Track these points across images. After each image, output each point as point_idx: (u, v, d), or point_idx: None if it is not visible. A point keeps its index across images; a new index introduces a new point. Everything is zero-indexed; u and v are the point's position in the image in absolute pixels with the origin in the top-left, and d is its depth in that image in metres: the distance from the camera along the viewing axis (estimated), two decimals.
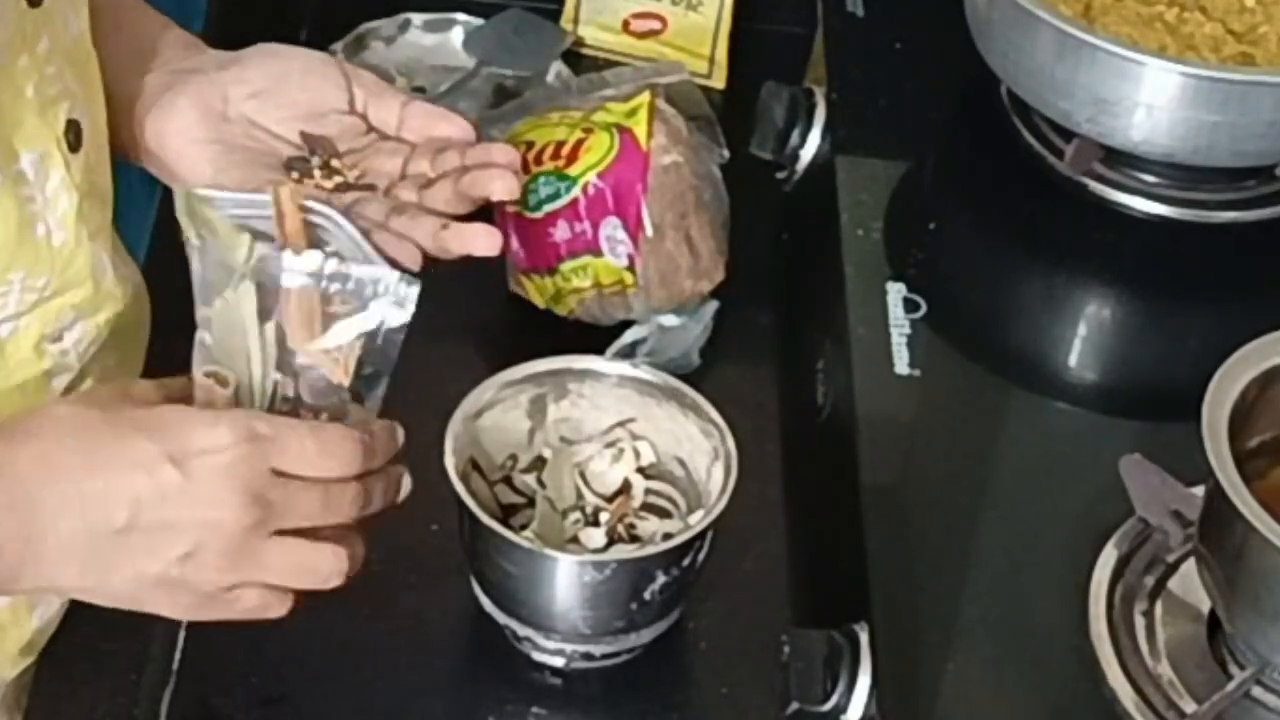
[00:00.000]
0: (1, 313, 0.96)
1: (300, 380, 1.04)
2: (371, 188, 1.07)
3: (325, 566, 0.93)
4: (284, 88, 1.06)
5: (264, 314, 1.01)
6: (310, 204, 1.02)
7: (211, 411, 0.91)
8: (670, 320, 1.31)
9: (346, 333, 1.03)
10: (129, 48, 1.05)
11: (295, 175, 1.06)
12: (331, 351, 1.04)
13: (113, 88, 1.03)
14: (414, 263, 1.01)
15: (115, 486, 0.87)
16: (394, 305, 1.01)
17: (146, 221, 1.29)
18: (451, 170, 1.07)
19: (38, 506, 0.86)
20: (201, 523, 0.88)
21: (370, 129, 1.10)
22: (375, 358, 1.03)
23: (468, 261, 1.06)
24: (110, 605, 0.92)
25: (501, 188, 1.03)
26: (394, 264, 1.02)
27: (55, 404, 0.93)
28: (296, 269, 1.00)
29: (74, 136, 0.95)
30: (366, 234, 1.02)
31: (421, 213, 1.04)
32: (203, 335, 1.05)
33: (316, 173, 1.07)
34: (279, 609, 0.94)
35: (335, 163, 1.07)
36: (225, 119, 1.05)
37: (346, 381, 1.05)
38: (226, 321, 1.03)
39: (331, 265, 1.00)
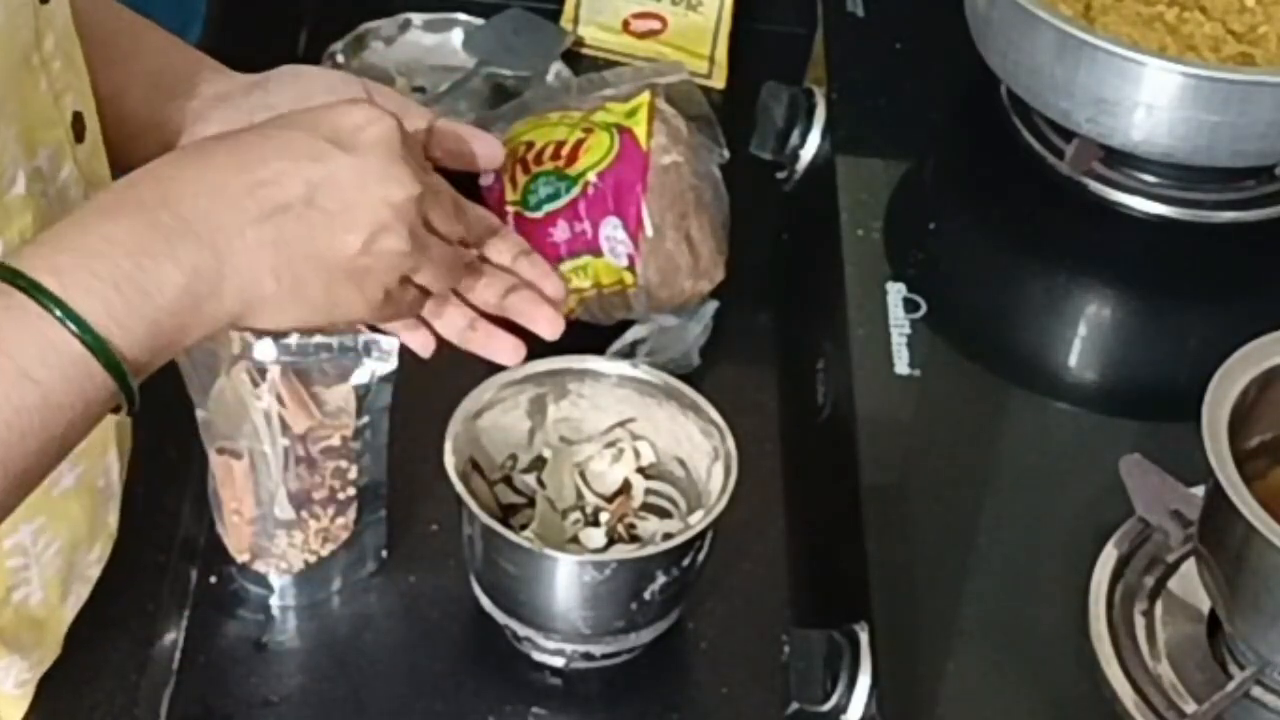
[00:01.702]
0: None
1: (309, 440, 1.08)
2: None
3: (457, 264, 0.96)
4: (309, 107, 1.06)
5: (255, 386, 1.05)
6: None
7: (342, 101, 0.92)
8: (670, 320, 1.31)
9: (341, 397, 1.08)
10: (149, 72, 1.05)
11: None
12: (333, 416, 1.08)
13: (134, 113, 1.03)
14: (425, 351, 1.01)
15: (285, 171, 0.86)
16: (379, 360, 1.08)
17: None
18: (498, 268, 1.03)
19: (217, 224, 0.84)
20: (379, 199, 0.88)
21: None
22: (372, 405, 1.09)
23: None
24: (308, 317, 0.89)
25: (547, 329, 1.01)
26: (403, 346, 1.04)
27: (190, 144, 0.93)
28: (276, 354, 1.04)
29: (79, 127, 0.96)
30: None
31: (452, 301, 1.01)
32: (203, 415, 1.08)
33: None
34: (413, 312, 0.96)
35: None
36: None
37: (350, 433, 1.09)
38: (226, 401, 1.07)
39: (306, 341, 1.04)
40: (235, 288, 0.85)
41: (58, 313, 0.80)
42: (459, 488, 1.10)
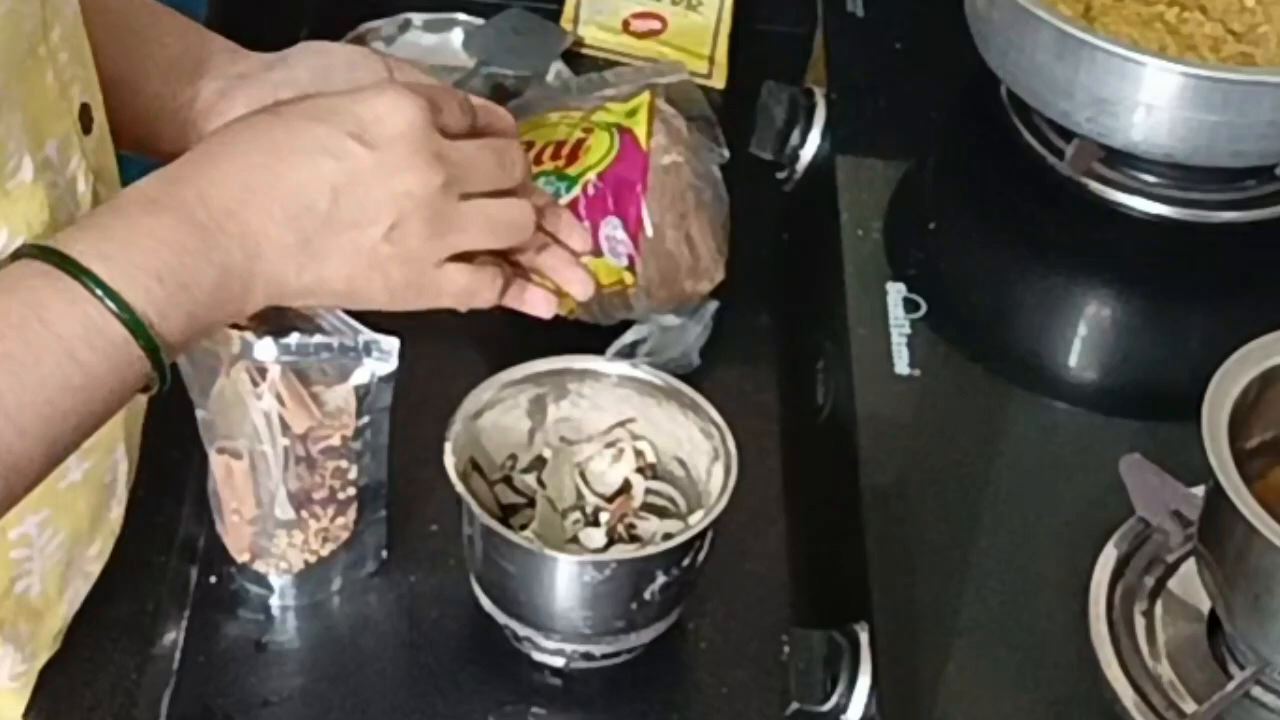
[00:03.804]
0: None
1: (309, 440, 1.08)
2: None
3: (520, 216, 0.96)
4: (331, 83, 1.07)
5: (255, 386, 1.06)
6: None
7: (369, 87, 0.94)
8: (670, 320, 1.31)
9: (341, 397, 1.08)
10: (169, 56, 1.06)
11: None
12: (333, 416, 1.08)
13: (156, 96, 1.04)
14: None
15: (309, 175, 0.89)
16: (379, 360, 1.08)
17: None
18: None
19: (247, 225, 0.88)
20: (398, 192, 0.91)
21: None
22: (373, 405, 1.09)
23: None
24: (333, 303, 0.95)
25: (579, 291, 1.03)
26: (403, 347, 1.07)
27: (219, 129, 0.95)
28: (276, 354, 1.05)
29: (86, 119, 0.96)
30: None
31: (485, 256, 1.03)
32: (203, 415, 1.09)
33: None
34: (488, 293, 0.96)
35: None
36: None
37: (351, 433, 1.09)
38: (226, 401, 1.07)
39: (306, 341, 1.05)
40: (263, 283, 0.89)
41: (105, 298, 0.84)
42: (459, 488, 1.10)
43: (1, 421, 0.82)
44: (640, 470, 1.17)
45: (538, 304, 1.02)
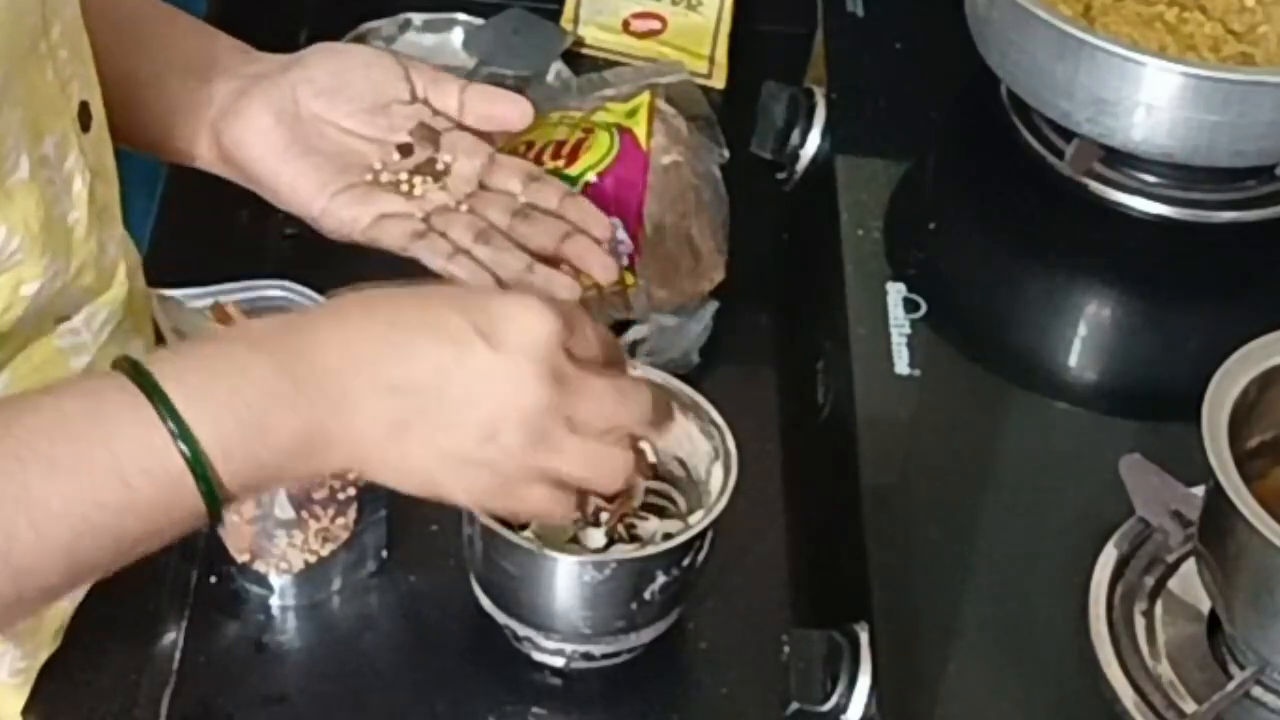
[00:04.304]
0: (37, 301, 0.96)
1: None
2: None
3: (617, 463, 0.91)
4: (348, 82, 1.07)
5: None
6: (286, 293, 1.07)
7: (514, 293, 0.92)
8: (670, 320, 1.31)
9: None
10: (184, 55, 1.06)
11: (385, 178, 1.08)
12: None
13: (174, 96, 1.04)
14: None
15: (423, 351, 0.85)
16: None
17: (150, 205, 1.29)
18: (545, 211, 1.07)
19: (345, 388, 0.85)
20: (505, 399, 0.86)
21: (435, 114, 1.11)
22: None
23: None
24: (409, 488, 0.89)
25: (603, 275, 1.03)
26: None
27: (355, 294, 0.91)
28: None
29: (85, 117, 0.96)
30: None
31: (508, 245, 1.04)
32: None
33: (404, 174, 1.08)
34: (564, 511, 0.92)
35: (437, 164, 1.09)
36: (299, 119, 1.07)
37: None
38: None
39: None
40: (342, 448, 0.85)
41: (172, 425, 0.81)
42: None
43: (22, 520, 0.79)
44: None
45: (562, 289, 1.02)
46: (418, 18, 1.55)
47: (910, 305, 1.24)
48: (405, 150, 1.08)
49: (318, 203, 1.07)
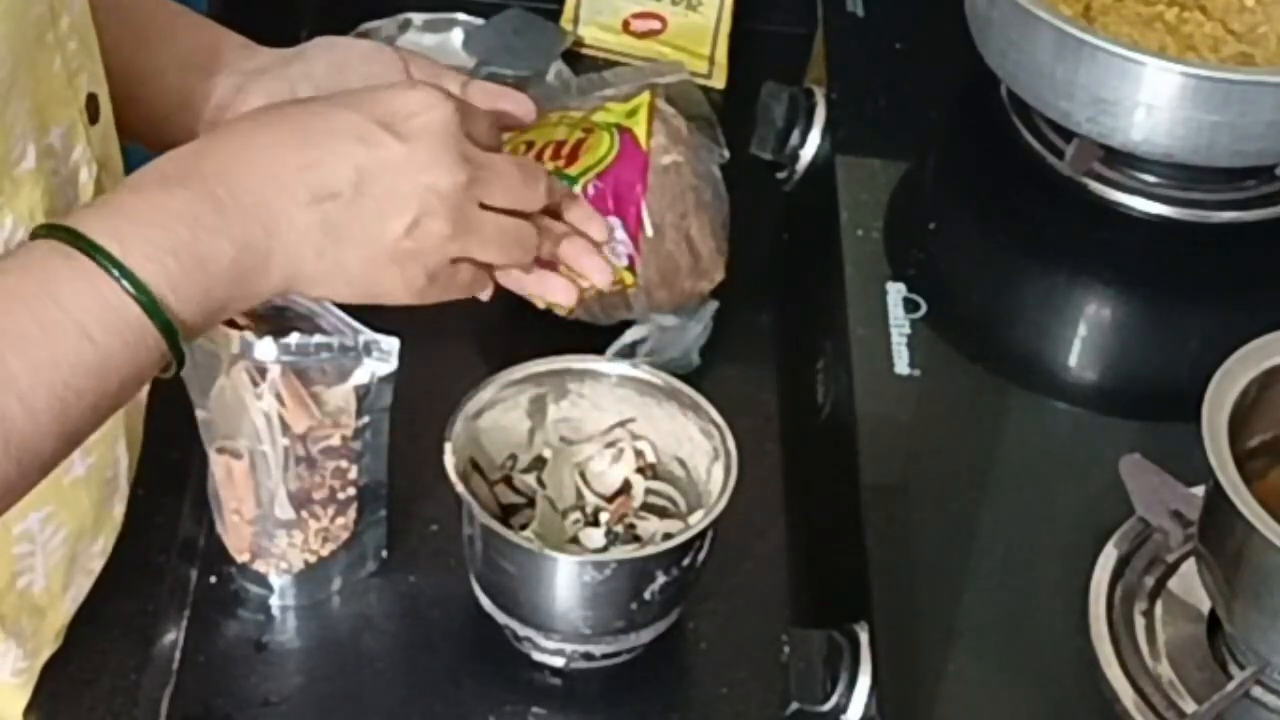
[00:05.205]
0: None
1: (309, 440, 1.08)
2: None
3: (529, 238, 0.96)
4: (347, 78, 1.07)
5: (255, 386, 1.06)
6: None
7: (403, 82, 0.95)
8: (670, 320, 1.31)
9: (341, 397, 1.08)
10: (186, 50, 1.06)
11: None
12: (332, 416, 1.09)
13: (175, 90, 1.05)
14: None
15: (335, 155, 0.89)
16: (379, 360, 1.08)
17: None
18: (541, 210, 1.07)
19: (267, 203, 0.87)
20: (424, 187, 0.90)
21: None
22: (373, 405, 1.09)
23: None
24: (349, 297, 0.93)
25: (599, 279, 1.04)
26: (402, 347, 1.07)
27: (246, 113, 0.96)
28: (276, 354, 1.05)
29: (93, 109, 0.96)
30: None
31: None
32: (203, 415, 1.09)
33: None
34: (483, 287, 0.97)
35: None
36: None
37: (350, 433, 1.09)
38: (226, 401, 1.07)
39: (306, 341, 1.05)
40: (280, 264, 0.88)
41: (119, 276, 0.83)
42: (459, 488, 1.10)
43: (14, 403, 0.81)
44: (640, 470, 1.17)
45: (558, 291, 1.02)
46: (418, 18, 1.55)
47: (910, 305, 1.24)
48: None
49: None
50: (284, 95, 1.05)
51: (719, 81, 1.56)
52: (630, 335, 1.30)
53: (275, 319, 1.07)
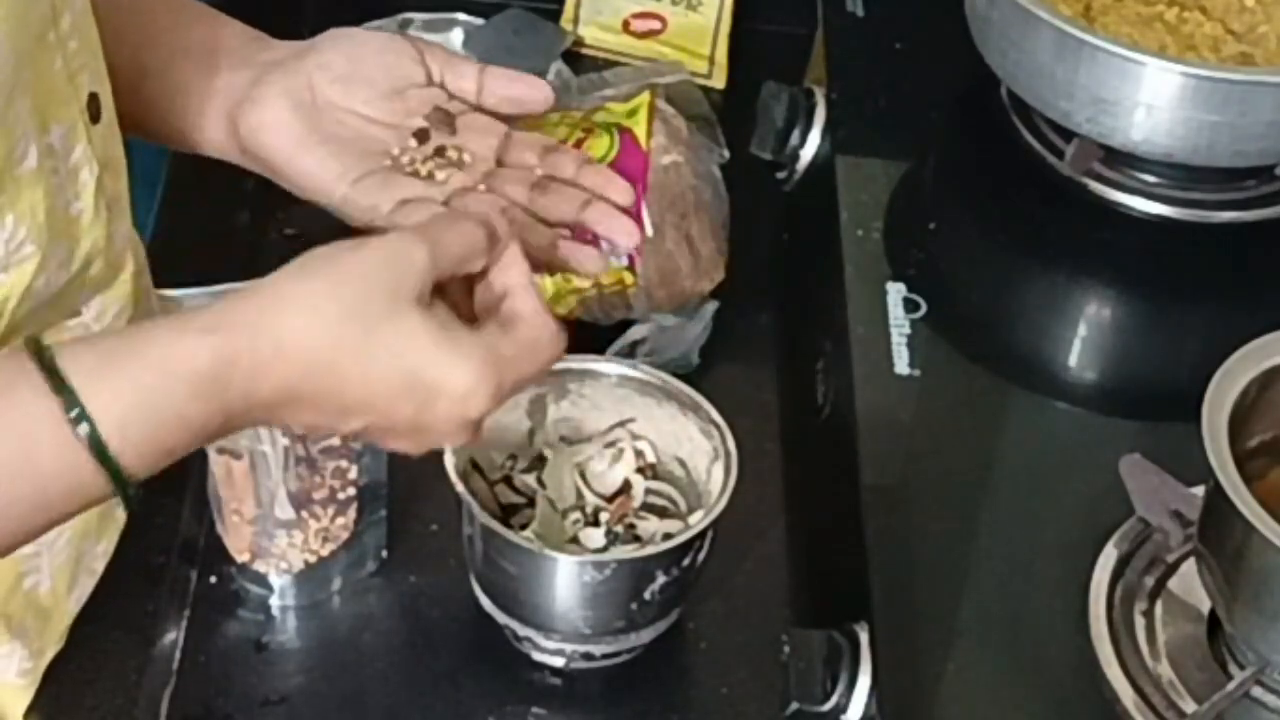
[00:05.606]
0: (42, 295, 0.96)
1: (309, 440, 1.08)
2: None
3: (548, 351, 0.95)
4: (363, 68, 1.07)
5: None
6: None
7: (460, 352, 0.90)
8: (670, 320, 1.31)
9: None
10: (196, 44, 1.06)
11: (405, 161, 1.07)
12: None
13: (186, 85, 1.04)
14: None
15: (354, 408, 0.87)
16: None
17: (151, 205, 1.29)
18: (564, 180, 1.06)
19: (281, 420, 0.88)
20: (425, 440, 0.90)
21: (451, 99, 1.10)
22: None
23: None
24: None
25: (625, 239, 1.03)
26: None
27: (306, 359, 0.89)
28: None
29: (95, 108, 0.96)
30: None
31: (531, 221, 1.03)
32: None
33: (421, 159, 1.08)
34: (471, 439, 0.94)
35: (449, 152, 1.08)
36: (315, 107, 1.06)
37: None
38: None
39: None
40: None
41: (105, 470, 0.82)
42: (459, 488, 1.10)
43: None
44: (640, 470, 1.17)
45: (587, 260, 1.02)
46: (418, 18, 1.55)
47: (910, 305, 1.24)
48: (421, 136, 1.07)
49: (338, 190, 1.06)
50: (301, 88, 1.05)
51: (719, 81, 1.56)
52: (630, 335, 1.30)
53: None
